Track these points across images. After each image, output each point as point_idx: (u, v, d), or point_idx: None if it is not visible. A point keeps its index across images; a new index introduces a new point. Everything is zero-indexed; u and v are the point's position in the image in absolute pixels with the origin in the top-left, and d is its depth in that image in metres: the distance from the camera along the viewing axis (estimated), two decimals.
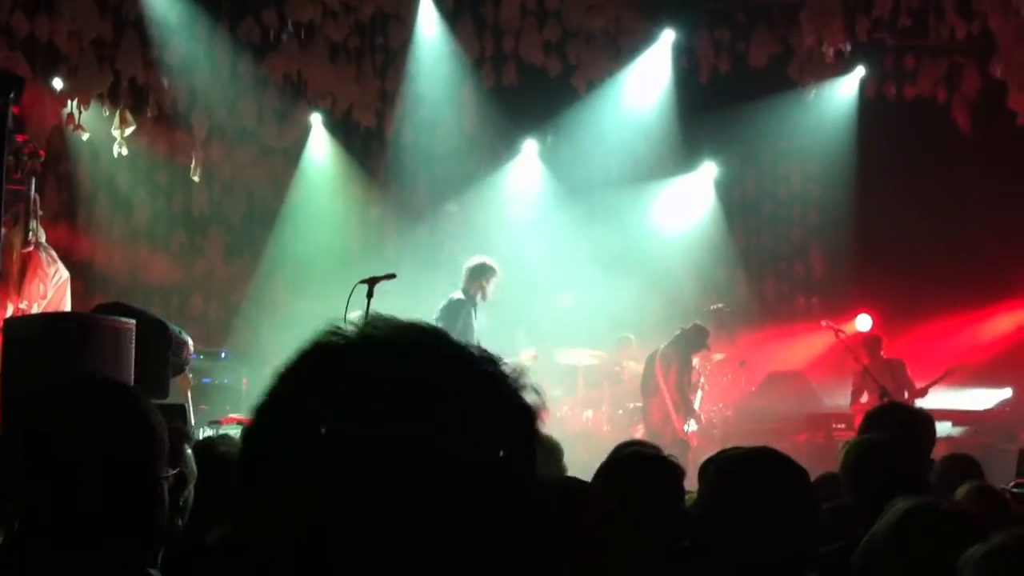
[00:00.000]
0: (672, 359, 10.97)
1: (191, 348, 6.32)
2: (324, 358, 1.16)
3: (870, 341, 11.69)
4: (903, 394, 10.88)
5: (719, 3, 12.84)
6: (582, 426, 11.53)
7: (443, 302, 9.73)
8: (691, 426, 10.90)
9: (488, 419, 1.15)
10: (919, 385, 11.18)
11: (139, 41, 11.79)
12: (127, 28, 11.75)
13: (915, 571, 2.84)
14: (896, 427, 4.54)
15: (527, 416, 1.19)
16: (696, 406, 11.17)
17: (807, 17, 11.63)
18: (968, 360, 12.17)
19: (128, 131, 11.87)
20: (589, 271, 12.88)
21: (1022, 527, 4.03)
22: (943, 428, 10.77)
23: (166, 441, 2.12)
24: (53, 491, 1.95)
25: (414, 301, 11.03)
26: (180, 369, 6.49)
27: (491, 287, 9.72)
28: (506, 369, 1.19)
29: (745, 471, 3.01)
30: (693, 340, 11.05)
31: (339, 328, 1.18)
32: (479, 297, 9.67)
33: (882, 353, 11.54)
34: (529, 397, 1.19)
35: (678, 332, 11.12)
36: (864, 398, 10.90)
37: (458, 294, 9.69)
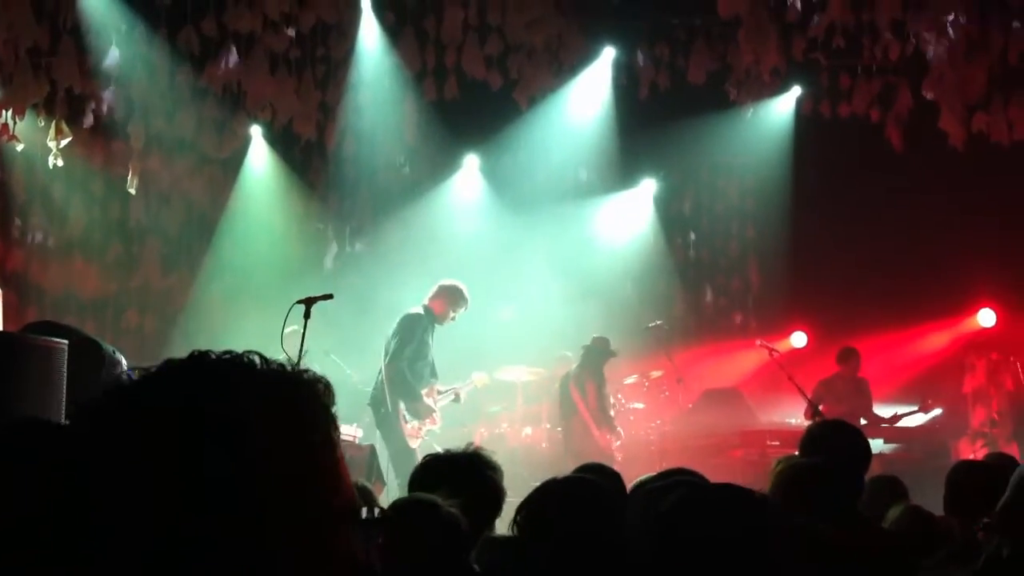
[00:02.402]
0: (585, 378, 11.15)
1: (124, 366, 6.23)
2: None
3: (849, 355, 11.68)
4: (860, 415, 10.98)
5: (658, 21, 12.96)
6: (521, 442, 11.56)
7: (402, 315, 9.57)
8: (613, 441, 11.05)
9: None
10: (887, 415, 11.31)
11: (76, 49, 11.61)
12: (64, 36, 11.57)
13: None
14: (836, 449, 4.57)
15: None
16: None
17: (744, 36, 11.76)
18: (917, 387, 12.27)
19: (64, 142, 11.68)
20: (530, 286, 12.95)
21: (951, 547, 4.12)
22: (875, 444, 10.95)
23: None
24: None
25: (355, 315, 11.00)
26: None
27: (455, 316, 9.62)
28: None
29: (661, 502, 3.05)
30: (599, 351, 11.25)
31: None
32: (438, 319, 9.54)
33: (858, 372, 11.61)
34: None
35: (582, 351, 11.28)
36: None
37: (417, 309, 9.53)
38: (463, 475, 3.68)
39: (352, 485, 1.31)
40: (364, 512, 1.31)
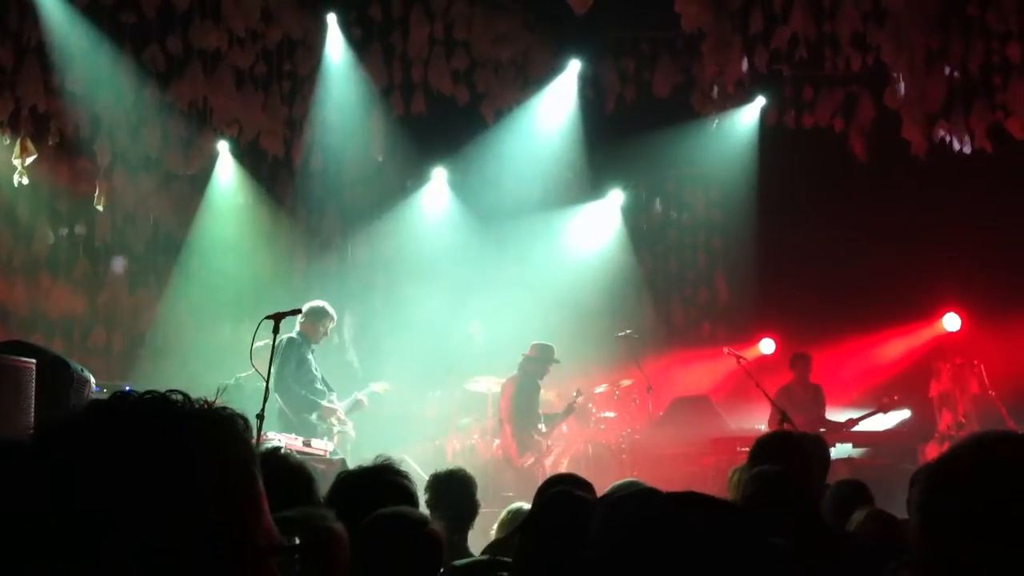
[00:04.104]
0: (508, 387, 11.25)
1: (93, 385, 6.22)
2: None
3: (799, 361, 11.87)
4: (820, 423, 11.10)
5: (624, 34, 13.07)
6: (493, 454, 11.57)
7: (277, 342, 9.78)
8: (524, 453, 11.06)
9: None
10: (845, 419, 11.46)
11: (40, 67, 11.56)
12: (28, 54, 11.53)
13: None
14: (789, 456, 4.63)
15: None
16: (550, 434, 11.38)
17: (708, 48, 11.89)
18: (884, 391, 12.37)
19: (29, 160, 11.63)
20: (498, 298, 12.98)
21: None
22: (843, 449, 11.06)
23: None
24: None
25: None
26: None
27: (325, 331, 10.01)
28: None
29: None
30: (536, 360, 11.31)
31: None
32: (312, 339, 9.90)
33: (810, 376, 11.79)
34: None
35: (521, 358, 11.38)
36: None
37: (292, 334, 9.78)
38: (375, 484, 3.76)
39: (270, 518, 1.32)
40: (284, 542, 1.32)
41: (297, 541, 1.35)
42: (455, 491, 5.17)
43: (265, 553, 1.28)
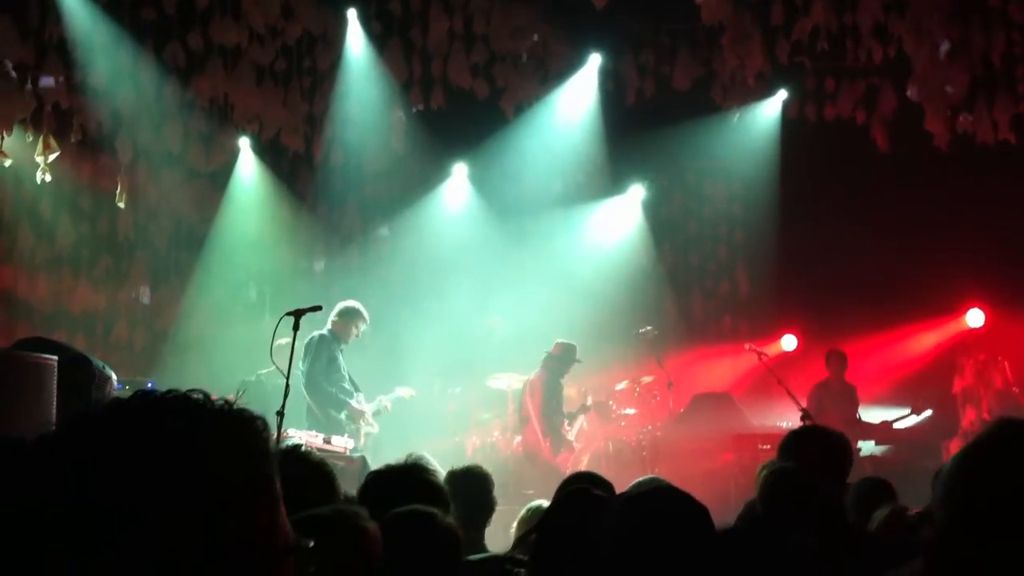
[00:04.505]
0: (536, 385, 11.25)
1: (115, 382, 6.23)
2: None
3: (834, 358, 11.81)
4: (853, 422, 11.04)
5: (643, 28, 13.01)
6: (513, 451, 11.57)
7: (308, 338, 9.79)
8: (559, 452, 11.08)
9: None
10: (880, 421, 11.41)
11: (62, 64, 11.61)
12: (50, 51, 11.57)
13: None
14: (814, 452, 4.62)
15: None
16: (573, 431, 11.39)
17: (728, 41, 11.82)
18: (907, 387, 12.29)
19: (52, 157, 11.68)
20: (519, 294, 12.96)
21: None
22: (866, 446, 11.00)
23: None
24: None
25: None
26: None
27: (357, 332, 10.04)
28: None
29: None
30: (560, 359, 11.34)
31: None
32: (342, 339, 9.93)
33: (845, 373, 11.73)
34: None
35: (544, 356, 11.39)
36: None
37: (323, 331, 9.83)
38: (406, 483, 3.75)
39: (286, 517, 1.33)
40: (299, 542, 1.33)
41: (312, 543, 1.36)
42: (471, 487, 5.16)
43: (281, 552, 1.29)
